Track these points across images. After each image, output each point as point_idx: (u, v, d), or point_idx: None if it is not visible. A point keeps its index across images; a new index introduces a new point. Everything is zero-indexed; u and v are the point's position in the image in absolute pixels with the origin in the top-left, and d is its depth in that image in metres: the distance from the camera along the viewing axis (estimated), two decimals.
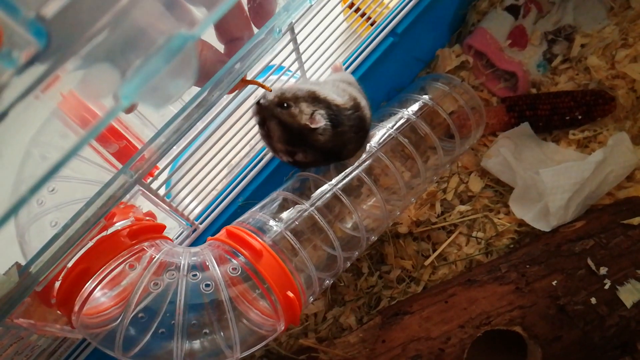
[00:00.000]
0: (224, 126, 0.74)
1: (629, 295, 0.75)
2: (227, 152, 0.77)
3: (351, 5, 0.84)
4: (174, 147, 0.60)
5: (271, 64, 0.74)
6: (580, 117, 0.99)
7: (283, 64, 0.75)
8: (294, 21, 0.66)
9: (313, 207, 0.70)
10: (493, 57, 1.06)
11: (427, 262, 0.93)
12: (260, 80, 0.75)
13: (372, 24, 0.92)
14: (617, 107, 1.00)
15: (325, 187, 0.74)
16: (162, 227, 0.65)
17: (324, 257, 0.73)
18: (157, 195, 0.67)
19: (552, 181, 0.88)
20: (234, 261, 0.61)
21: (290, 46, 0.72)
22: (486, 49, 1.05)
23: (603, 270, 0.76)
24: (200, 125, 0.68)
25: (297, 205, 0.71)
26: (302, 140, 0.66)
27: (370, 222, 0.80)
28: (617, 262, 0.76)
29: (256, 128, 0.80)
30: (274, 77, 0.77)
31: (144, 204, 0.69)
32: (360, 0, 0.89)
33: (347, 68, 0.91)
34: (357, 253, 0.78)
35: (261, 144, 0.88)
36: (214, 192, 0.81)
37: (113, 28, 0.25)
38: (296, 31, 0.69)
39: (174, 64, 0.25)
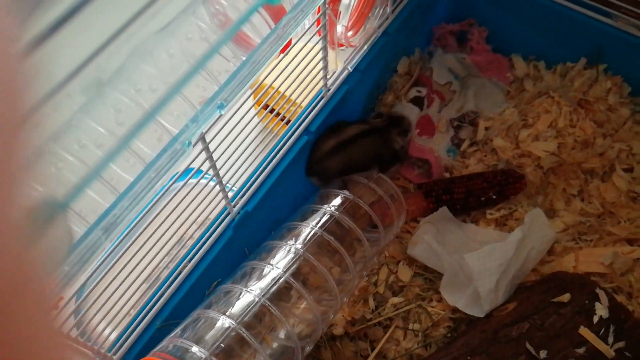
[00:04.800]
0: (137, 242, 0.69)
1: None
2: (142, 268, 0.71)
3: (265, 107, 0.83)
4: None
5: (190, 166, 0.71)
6: (494, 197, 1.03)
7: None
8: (204, 131, 0.63)
9: (239, 324, 0.65)
10: None
11: None
12: (180, 184, 0.71)
13: (287, 123, 0.92)
14: (528, 184, 1.04)
15: (251, 298, 0.69)
16: None
17: None
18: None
19: (478, 265, 0.88)
20: None
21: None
22: None
23: (543, 354, 0.75)
24: (107, 244, 0.62)
25: (221, 323, 0.65)
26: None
27: (304, 327, 0.75)
28: (555, 343, 0.76)
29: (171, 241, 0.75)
30: (193, 181, 0.73)
31: None
32: (274, 102, 0.89)
33: (265, 168, 0.88)
34: None
35: (183, 251, 0.82)
36: (128, 318, 0.73)
37: None
38: (208, 139, 0.67)
39: None
